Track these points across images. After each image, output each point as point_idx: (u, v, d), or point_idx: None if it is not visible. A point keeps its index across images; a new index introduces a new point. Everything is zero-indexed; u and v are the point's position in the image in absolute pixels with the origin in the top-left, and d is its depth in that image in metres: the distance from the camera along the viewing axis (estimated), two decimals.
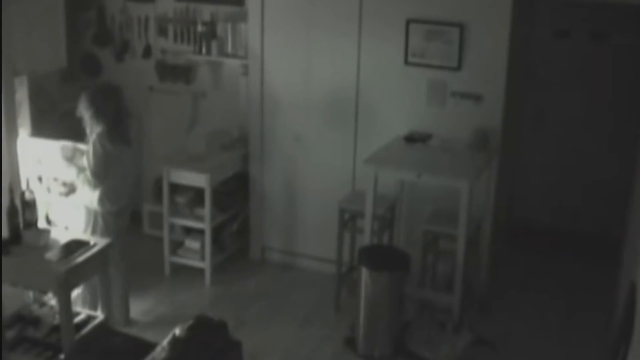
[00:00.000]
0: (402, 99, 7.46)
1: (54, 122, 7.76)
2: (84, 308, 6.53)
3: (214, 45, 8.13)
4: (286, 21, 7.71)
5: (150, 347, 5.13)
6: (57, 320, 6.10)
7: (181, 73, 8.45)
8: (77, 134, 6.80)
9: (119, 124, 6.67)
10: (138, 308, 7.36)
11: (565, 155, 8.88)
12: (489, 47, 7.06)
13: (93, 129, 6.58)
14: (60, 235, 6.27)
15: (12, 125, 6.61)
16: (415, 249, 7.18)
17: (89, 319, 6.30)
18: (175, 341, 4.87)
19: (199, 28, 8.18)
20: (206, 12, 8.16)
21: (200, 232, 7.88)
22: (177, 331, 4.90)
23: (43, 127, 7.32)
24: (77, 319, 6.19)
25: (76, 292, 6.51)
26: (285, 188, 8.11)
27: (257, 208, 8.29)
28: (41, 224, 6.36)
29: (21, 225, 6.06)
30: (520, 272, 8.30)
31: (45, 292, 6.36)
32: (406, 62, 7.33)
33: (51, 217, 6.93)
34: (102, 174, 6.54)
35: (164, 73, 8.51)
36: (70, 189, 6.94)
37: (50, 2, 7.41)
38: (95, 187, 6.57)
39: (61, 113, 7.92)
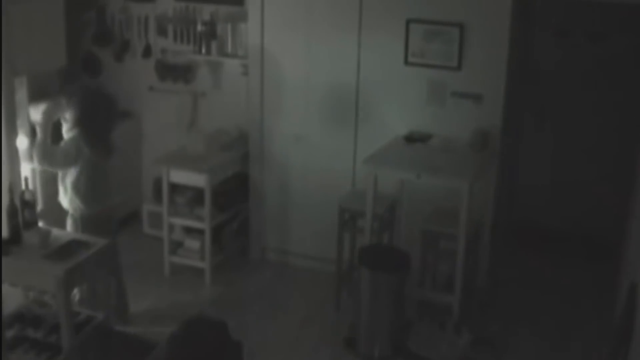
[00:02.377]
0: (402, 99, 7.46)
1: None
2: (84, 308, 6.52)
3: (214, 45, 8.13)
4: (286, 21, 7.71)
5: (150, 347, 5.14)
6: (57, 320, 6.10)
7: (181, 73, 8.45)
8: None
9: (104, 133, 6.62)
10: (138, 308, 7.34)
11: (566, 156, 8.87)
12: (488, 47, 7.07)
13: (71, 129, 6.51)
14: (60, 235, 6.27)
15: (12, 125, 6.62)
16: (415, 249, 7.18)
17: (89, 319, 6.29)
18: (174, 340, 4.87)
19: (199, 28, 8.18)
20: (206, 11, 8.15)
21: (200, 232, 7.88)
22: (177, 331, 4.89)
23: None
24: (77, 319, 6.18)
25: (76, 292, 6.50)
26: (285, 188, 8.11)
27: (257, 208, 8.29)
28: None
29: (21, 225, 6.06)
30: (520, 273, 8.30)
31: (45, 292, 6.35)
32: (406, 62, 7.33)
33: None
34: (54, 168, 6.51)
35: (164, 73, 8.51)
36: None
37: (50, 1, 7.41)
38: (42, 164, 6.49)
39: None
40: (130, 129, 8.67)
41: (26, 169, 7.01)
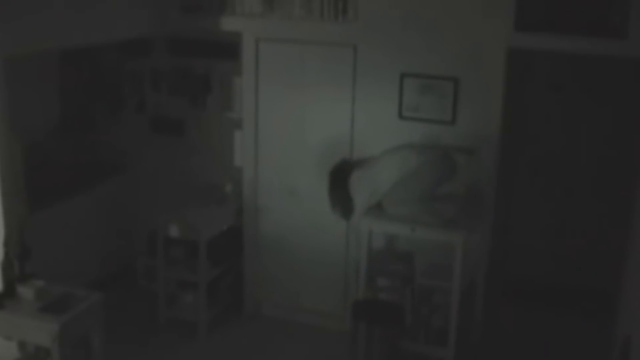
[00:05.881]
0: None
1: (49, 175, 7.79)
2: None
3: (209, 98, 8.18)
4: (280, 75, 7.76)
5: None
6: None
7: (175, 126, 8.47)
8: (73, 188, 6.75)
9: None
10: None
11: (559, 208, 8.89)
12: (482, 101, 7.10)
13: None
14: (55, 288, 6.25)
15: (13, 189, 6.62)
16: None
17: None
18: None
19: (194, 82, 8.22)
20: (201, 66, 8.21)
21: (194, 286, 7.85)
22: None
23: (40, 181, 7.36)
24: None
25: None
26: (280, 241, 8.10)
27: (251, 261, 8.27)
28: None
29: (19, 273, 6.05)
30: (514, 326, 8.27)
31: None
32: (400, 116, 7.37)
33: None
34: None
35: (158, 126, 8.54)
36: None
37: (45, 58, 7.42)
38: None
39: (56, 166, 7.98)
40: (125, 183, 8.68)
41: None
